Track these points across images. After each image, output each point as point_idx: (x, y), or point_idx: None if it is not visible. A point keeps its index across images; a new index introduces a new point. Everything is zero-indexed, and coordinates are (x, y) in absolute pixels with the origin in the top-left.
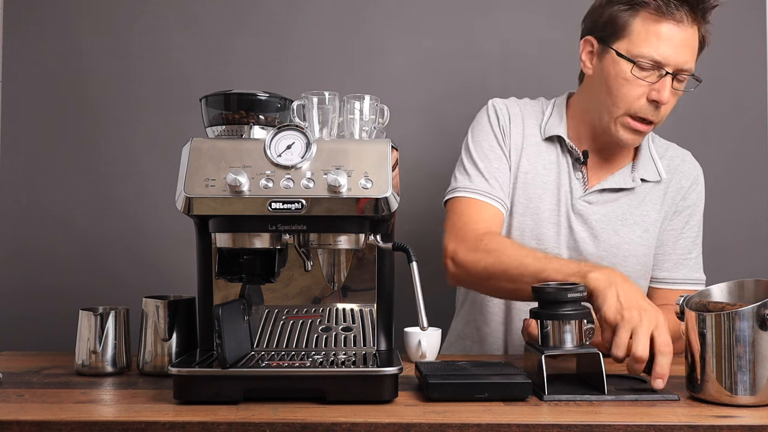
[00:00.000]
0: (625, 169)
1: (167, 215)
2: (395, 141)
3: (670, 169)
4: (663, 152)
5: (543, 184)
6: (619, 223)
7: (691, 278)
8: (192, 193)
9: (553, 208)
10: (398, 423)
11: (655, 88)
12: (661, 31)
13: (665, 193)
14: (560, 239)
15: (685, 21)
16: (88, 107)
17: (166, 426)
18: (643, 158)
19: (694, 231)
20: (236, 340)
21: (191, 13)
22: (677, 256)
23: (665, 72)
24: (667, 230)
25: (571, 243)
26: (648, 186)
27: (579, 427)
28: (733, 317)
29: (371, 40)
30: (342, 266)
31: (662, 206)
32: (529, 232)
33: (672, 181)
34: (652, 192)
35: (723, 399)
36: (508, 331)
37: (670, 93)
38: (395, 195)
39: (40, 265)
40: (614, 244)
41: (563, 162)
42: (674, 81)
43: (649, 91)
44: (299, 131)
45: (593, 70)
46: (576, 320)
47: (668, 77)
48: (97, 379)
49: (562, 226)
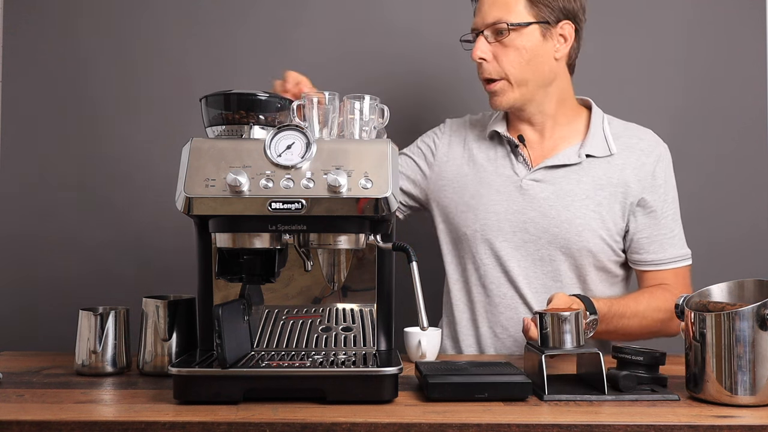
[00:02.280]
0: (573, 147)
1: (167, 215)
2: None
3: (627, 147)
4: (620, 132)
5: (479, 180)
6: (568, 199)
7: (679, 255)
8: (192, 193)
9: (493, 195)
10: (398, 423)
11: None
12: (476, 5)
13: (623, 169)
14: (503, 224)
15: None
16: (88, 107)
17: (166, 426)
18: (592, 136)
19: (672, 208)
20: (236, 340)
21: (191, 13)
22: (662, 236)
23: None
24: (647, 212)
25: (519, 224)
26: (598, 161)
27: (579, 427)
28: (733, 317)
29: (371, 40)
30: (342, 266)
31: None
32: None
33: (630, 158)
34: (605, 167)
35: (723, 399)
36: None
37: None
38: (395, 195)
39: (40, 265)
40: (565, 219)
41: (501, 152)
42: (494, 35)
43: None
44: (299, 131)
45: None
46: (576, 321)
47: (480, 36)
48: (97, 379)
49: (507, 210)
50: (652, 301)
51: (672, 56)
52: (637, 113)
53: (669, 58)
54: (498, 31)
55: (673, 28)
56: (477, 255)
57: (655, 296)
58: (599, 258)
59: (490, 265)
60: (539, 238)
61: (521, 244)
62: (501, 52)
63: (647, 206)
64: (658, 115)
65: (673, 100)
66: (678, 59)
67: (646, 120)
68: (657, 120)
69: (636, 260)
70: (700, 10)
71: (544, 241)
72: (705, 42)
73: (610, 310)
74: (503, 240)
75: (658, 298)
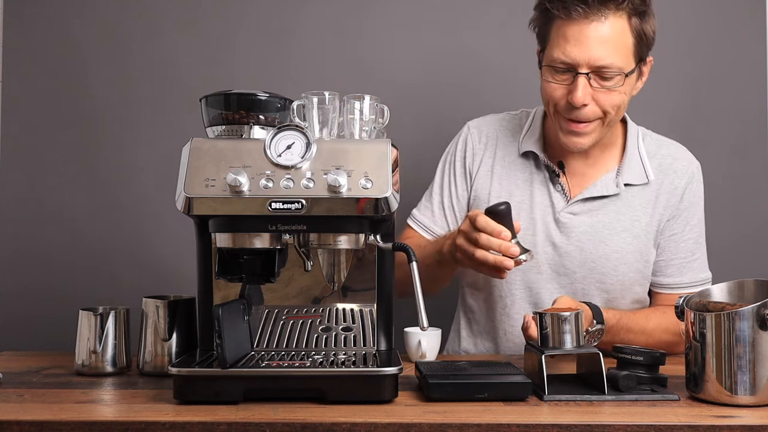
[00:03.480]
0: (610, 174)
1: (167, 215)
2: (395, 141)
3: (661, 169)
4: (655, 150)
5: (516, 204)
6: (606, 233)
7: (697, 279)
8: (192, 193)
9: (527, 226)
10: (398, 423)
11: (570, 88)
12: (568, 33)
13: (657, 195)
14: (539, 256)
15: (593, 17)
16: (88, 107)
17: (166, 426)
18: (629, 160)
19: (696, 231)
20: (236, 340)
21: (191, 13)
22: (680, 260)
23: (576, 72)
24: (667, 235)
25: (555, 258)
26: (635, 189)
27: (579, 427)
28: (733, 317)
29: (371, 40)
30: (342, 266)
31: (655, 209)
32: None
33: (664, 182)
34: (641, 195)
35: (723, 399)
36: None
37: (596, 93)
38: (395, 195)
39: (40, 265)
40: (602, 254)
41: (538, 177)
42: (597, 79)
43: (567, 93)
44: (299, 131)
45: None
46: (576, 321)
47: (581, 77)
48: (97, 379)
49: (539, 242)
50: (662, 321)
51: (672, 56)
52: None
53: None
54: (605, 76)
55: (673, 28)
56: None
57: (667, 316)
58: (634, 290)
59: (519, 296)
60: (574, 272)
61: (555, 277)
62: (602, 95)
63: (668, 230)
64: (658, 115)
65: (673, 100)
66: (678, 59)
67: (646, 120)
68: (657, 120)
69: (652, 282)
70: (700, 10)
71: (579, 275)
72: (705, 42)
73: (618, 322)
74: (537, 272)
75: (669, 318)
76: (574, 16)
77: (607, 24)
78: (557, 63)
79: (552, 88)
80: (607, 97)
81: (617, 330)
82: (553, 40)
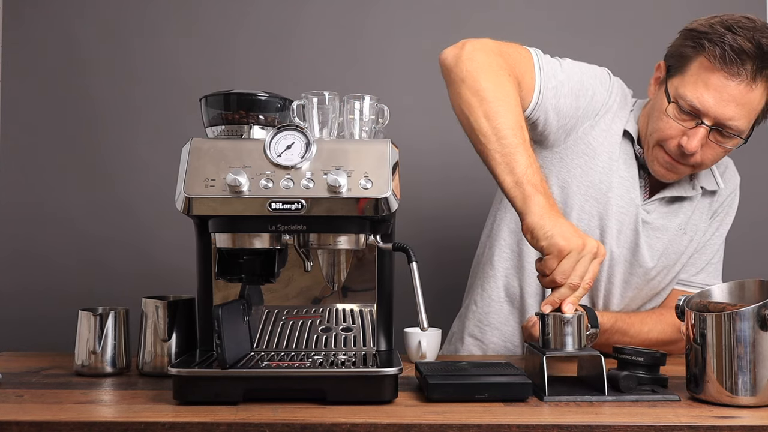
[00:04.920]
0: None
1: (167, 215)
2: (395, 141)
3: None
4: None
5: (620, 179)
6: (674, 235)
7: (708, 284)
8: (192, 193)
9: (623, 205)
10: (398, 423)
11: (688, 134)
12: (710, 80)
13: (711, 202)
14: (621, 240)
15: (745, 77)
16: (88, 107)
17: (165, 426)
18: None
19: (721, 239)
20: (236, 341)
21: (191, 14)
22: (702, 261)
23: (701, 122)
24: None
25: (633, 248)
26: (706, 193)
27: (579, 428)
28: (733, 317)
29: (371, 41)
30: (342, 266)
31: (707, 214)
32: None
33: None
34: (704, 201)
35: (723, 399)
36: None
37: (706, 145)
38: (395, 195)
39: (40, 265)
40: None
41: (633, 168)
42: (716, 134)
43: (682, 135)
44: (299, 131)
45: (653, 96)
46: (578, 323)
47: (702, 127)
48: (96, 380)
49: (626, 228)
50: (657, 324)
51: None
52: None
53: None
54: (725, 134)
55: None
56: None
57: (663, 320)
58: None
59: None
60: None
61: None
62: (710, 149)
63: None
64: None
65: None
66: None
67: None
68: None
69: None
70: (700, 10)
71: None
72: None
73: (614, 325)
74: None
75: (665, 322)
76: (736, 71)
77: (755, 89)
78: (686, 103)
79: (669, 125)
80: (714, 151)
81: (612, 332)
82: (691, 77)
